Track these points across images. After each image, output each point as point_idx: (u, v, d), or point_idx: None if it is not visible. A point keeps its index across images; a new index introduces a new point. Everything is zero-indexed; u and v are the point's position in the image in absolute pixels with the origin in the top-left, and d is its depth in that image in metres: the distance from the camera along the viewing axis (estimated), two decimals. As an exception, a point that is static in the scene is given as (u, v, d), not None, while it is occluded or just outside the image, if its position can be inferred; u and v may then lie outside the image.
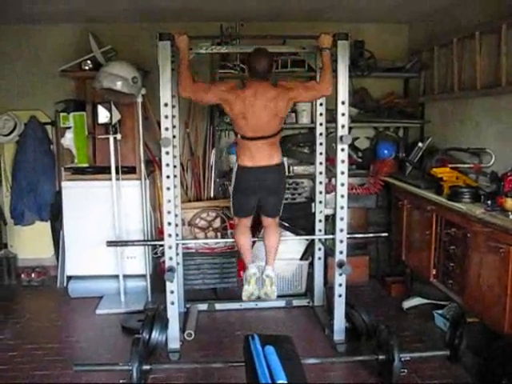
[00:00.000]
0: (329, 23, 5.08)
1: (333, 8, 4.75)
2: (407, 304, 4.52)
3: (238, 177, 3.75)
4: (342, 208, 3.81)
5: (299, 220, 4.80)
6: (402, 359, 3.26)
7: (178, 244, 3.95)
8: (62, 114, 4.90)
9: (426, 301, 4.46)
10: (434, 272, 4.15)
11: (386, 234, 4.43)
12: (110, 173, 4.64)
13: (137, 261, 4.87)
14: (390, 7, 4.74)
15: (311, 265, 4.78)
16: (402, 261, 4.82)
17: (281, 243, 3.99)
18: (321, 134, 4.34)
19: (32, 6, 4.47)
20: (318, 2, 4.56)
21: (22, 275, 5.33)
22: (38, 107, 5.38)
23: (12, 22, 5.09)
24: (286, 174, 3.86)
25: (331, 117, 4.14)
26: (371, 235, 4.83)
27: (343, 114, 3.70)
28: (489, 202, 3.49)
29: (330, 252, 4.26)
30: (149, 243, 4.78)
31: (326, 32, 3.69)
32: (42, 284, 5.32)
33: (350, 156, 4.49)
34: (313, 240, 4.63)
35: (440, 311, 4.23)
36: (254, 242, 4.53)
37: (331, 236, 4.03)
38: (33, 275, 5.33)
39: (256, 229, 4.70)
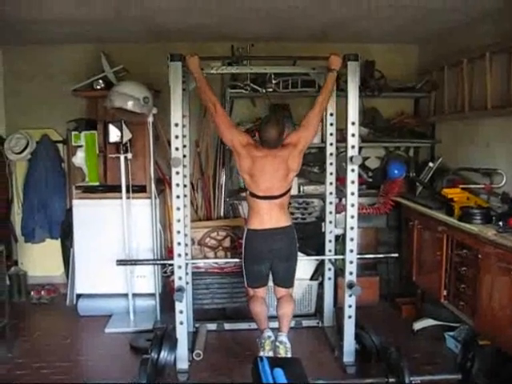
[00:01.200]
0: (339, 44, 5.09)
1: (342, 29, 4.78)
2: (418, 325, 4.47)
3: (247, 241, 3.73)
4: (352, 229, 3.80)
5: (309, 240, 4.78)
6: (413, 382, 3.23)
7: (187, 264, 3.95)
8: (73, 133, 4.96)
9: (437, 322, 4.41)
10: (444, 293, 4.11)
11: (396, 255, 4.39)
12: (120, 191, 4.66)
13: (146, 280, 4.86)
14: (398, 28, 4.76)
15: (321, 285, 4.75)
16: (412, 281, 4.79)
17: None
18: (331, 154, 4.34)
19: (46, 27, 4.55)
20: (328, 23, 4.59)
21: (32, 293, 5.35)
22: (51, 126, 5.44)
23: (27, 42, 5.17)
24: (297, 240, 3.77)
25: (341, 136, 4.15)
26: (381, 256, 4.78)
27: (353, 135, 3.70)
28: (500, 223, 3.47)
29: (339, 272, 4.23)
30: (158, 262, 4.77)
31: (335, 53, 3.72)
32: (51, 302, 5.32)
33: (360, 176, 4.50)
34: (323, 260, 4.60)
35: (451, 333, 4.18)
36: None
37: (341, 256, 4.00)
38: (42, 293, 5.34)
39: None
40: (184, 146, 3.85)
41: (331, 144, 4.34)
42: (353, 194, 3.76)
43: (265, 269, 3.76)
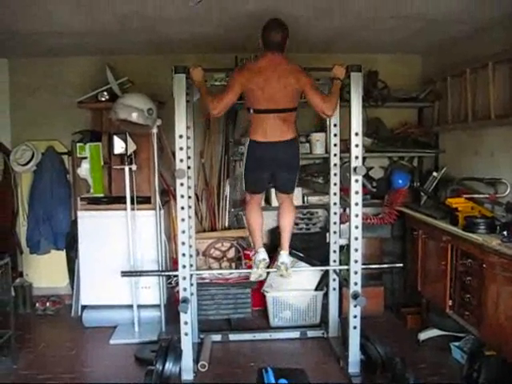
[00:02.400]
0: (342, 54, 5.12)
1: (346, 39, 4.80)
2: (423, 336, 4.45)
3: (249, 152, 3.71)
4: (356, 239, 3.80)
5: (314, 250, 4.79)
6: (418, 393, 3.22)
7: (192, 274, 3.95)
8: (78, 145, 4.99)
9: (442, 332, 4.39)
10: (450, 303, 4.10)
11: (401, 265, 4.38)
12: (125, 203, 4.68)
13: (151, 291, 4.87)
14: (402, 38, 4.77)
15: (326, 295, 4.74)
16: (417, 291, 4.77)
17: (295, 274, 3.98)
18: (335, 165, 4.35)
19: (52, 40, 4.58)
20: (332, 34, 4.61)
21: (37, 304, 5.36)
22: (56, 137, 5.46)
23: (33, 54, 5.21)
24: (299, 152, 3.78)
25: (345, 147, 4.15)
26: (386, 266, 4.77)
27: (357, 145, 3.71)
28: (505, 233, 3.46)
29: (344, 283, 4.23)
30: (163, 274, 4.77)
31: (339, 63, 3.73)
32: (56, 313, 5.33)
33: (364, 186, 4.50)
34: (327, 270, 4.60)
35: (457, 343, 4.15)
36: (268, 273, 4.54)
37: (346, 267, 4.00)
38: (48, 304, 5.35)
39: (271, 258, 4.70)
40: (188, 158, 3.86)
41: (335, 154, 4.35)
42: (357, 204, 3.77)
43: (265, 176, 3.79)
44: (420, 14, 3.92)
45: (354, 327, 3.86)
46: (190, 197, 4.02)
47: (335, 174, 4.37)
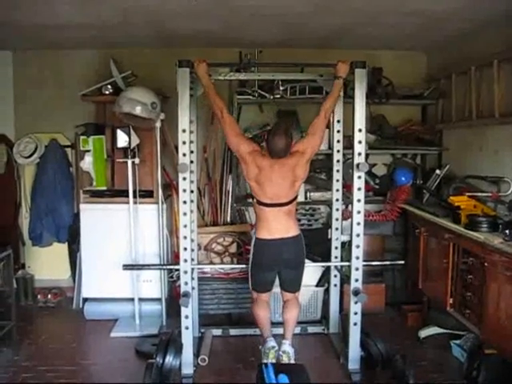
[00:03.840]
0: (346, 50, 5.13)
1: (349, 36, 4.79)
2: (424, 333, 4.45)
3: (255, 249, 3.72)
4: (358, 235, 3.80)
5: (315, 246, 4.77)
6: (418, 390, 3.22)
7: (193, 269, 3.95)
8: (81, 138, 4.97)
9: (442, 330, 4.39)
10: (450, 301, 4.10)
11: (402, 262, 4.38)
12: (127, 196, 4.68)
13: (152, 284, 4.88)
14: (406, 35, 4.76)
15: (327, 291, 4.74)
16: (418, 289, 4.78)
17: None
18: (338, 161, 4.35)
19: (56, 32, 4.57)
20: (335, 30, 4.60)
21: (39, 296, 5.38)
22: (59, 130, 5.46)
23: (37, 47, 5.22)
24: (304, 248, 3.77)
25: (349, 143, 4.15)
26: (388, 263, 4.77)
27: (360, 142, 3.71)
28: (507, 232, 3.46)
29: (345, 279, 4.23)
30: (165, 267, 4.77)
31: (343, 60, 3.73)
32: (58, 305, 5.35)
33: (367, 183, 4.50)
34: (329, 267, 4.60)
35: (457, 341, 4.15)
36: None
37: (347, 263, 4.00)
38: (49, 296, 5.37)
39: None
40: (191, 152, 3.86)
41: (338, 151, 4.34)
42: (359, 200, 3.77)
43: (272, 276, 3.79)
44: (425, 10, 3.90)
45: (355, 324, 3.86)
46: (192, 191, 4.02)
47: (338, 171, 4.37)
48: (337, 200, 4.41)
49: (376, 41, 5.02)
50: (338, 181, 4.37)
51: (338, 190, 4.39)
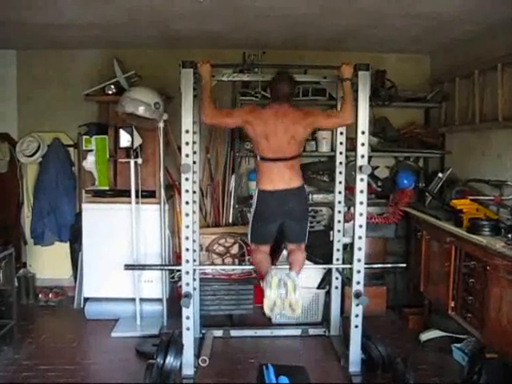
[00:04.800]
0: (350, 52, 5.13)
1: (354, 38, 4.79)
2: (425, 336, 4.44)
3: (258, 201, 3.73)
4: (360, 238, 3.80)
5: (317, 248, 4.77)
6: (419, 394, 3.21)
7: (195, 270, 3.95)
8: (84, 137, 4.99)
9: (444, 334, 4.38)
10: (452, 305, 4.08)
11: (404, 265, 4.38)
12: (129, 196, 4.68)
13: (154, 285, 4.87)
14: (411, 38, 4.76)
15: (328, 294, 4.74)
16: (420, 292, 4.76)
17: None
18: (340, 163, 4.34)
19: (60, 32, 4.58)
20: (340, 32, 4.60)
21: (40, 295, 5.38)
22: (62, 129, 5.46)
23: (41, 46, 5.23)
24: (308, 199, 3.79)
25: (352, 145, 4.15)
26: (389, 266, 4.77)
27: (363, 144, 3.71)
28: (509, 236, 3.45)
29: (347, 281, 4.23)
30: (166, 268, 4.78)
31: (346, 62, 3.73)
32: (59, 304, 5.35)
33: (369, 185, 4.49)
34: (330, 269, 4.60)
35: (458, 345, 4.14)
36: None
37: (349, 265, 4.00)
38: (50, 295, 5.37)
39: (275, 256, 4.70)
40: (194, 153, 3.85)
41: (341, 153, 4.34)
42: (361, 203, 3.76)
43: (274, 228, 3.79)
44: (429, 14, 3.90)
45: (356, 326, 3.86)
46: (194, 192, 4.02)
47: (340, 173, 4.36)
48: (339, 202, 4.41)
49: (381, 43, 5.02)
50: (340, 183, 4.37)
51: (340, 192, 4.39)
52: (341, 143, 4.33)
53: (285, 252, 4.22)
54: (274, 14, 4.01)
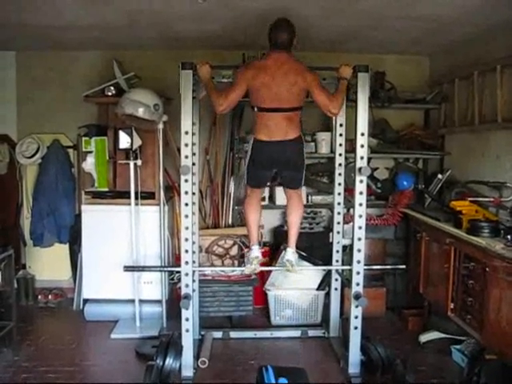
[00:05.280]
0: (349, 54, 5.14)
1: (354, 39, 4.80)
2: (424, 338, 4.44)
3: (253, 150, 3.70)
4: (359, 239, 3.80)
5: (316, 250, 4.78)
6: (418, 395, 3.21)
7: (194, 271, 3.95)
8: (84, 139, 4.98)
9: (443, 335, 4.38)
10: (451, 306, 4.09)
11: (403, 267, 4.38)
12: (129, 198, 4.68)
13: (153, 286, 4.87)
14: (411, 39, 4.77)
15: (327, 295, 4.74)
16: (419, 293, 4.77)
17: (298, 273, 3.97)
18: (340, 165, 4.34)
19: (60, 33, 4.59)
20: (340, 33, 4.61)
21: (39, 296, 5.39)
22: (62, 131, 5.47)
23: (41, 48, 5.23)
24: (304, 150, 3.75)
25: (351, 147, 4.15)
26: (389, 267, 4.78)
27: (362, 146, 3.71)
28: (509, 237, 3.46)
29: (346, 283, 4.23)
30: (165, 269, 4.78)
31: (346, 63, 3.73)
32: (58, 306, 5.35)
33: (368, 187, 4.49)
34: (330, 270, 4.59)
35: (458, 346, 4.14)
36: (270, 272, 4.56)
37: (348, 267, 4.00)
38: (50, 297, 5.38)
39: (274, 256, 4.72)
40: (193, 154, 3.86)
41: (340, 154, 4.34)
42: (361, 204, 3.76)
43: (269, 174, 3.85)
44: (429, 15, 3.91)
45: (355, 328, 3.86)
46: (194, 193, 4.01)
47: (340, 174, 4.36)
48: (338, 204, 4.41)
49: (380, 45, 5.03)
50: (339, 184, 4.37)
51: (339, 194, 4.39)
52: (340, 145, 4.34)
53: (283, 253, 4.21)
54: (273, 15, 3.99)
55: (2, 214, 5.41)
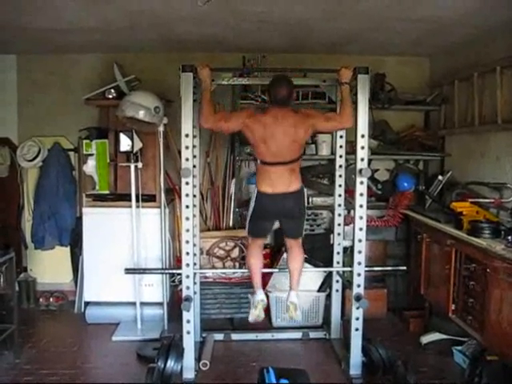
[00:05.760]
0: (350, 56, 5.16)
1: (354, 41, 4.80)
2: (425, 339, 4.44)
3: (256, 202, 3.71)
4: (360, 241, 3.80)
5: (317, 251, 4.79)
6: (420, 396, 3.21)
7: (195, 273, 3.95)
8: (85, 141, 4.99)
9: (444, 336, 4.38)
10: (452, 307, 4.09)
11: (404, 268, 4.38)
12: (130, 200, 4.68)
13: (154, 288, 4.88)
14: (411, 41, 4.77)
15: (329, 297, 4.74)
16: (420, 295, 4.77)
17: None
18: (340, 166, 4.35)
19: (61, 36, 4.59)
20: (341, 36, 4.61)
21: (41, 299, 5.40)
22: (62, 134, 5.47)
23: (41, 51, 5.24)
24: (306, 200, 3.77)
25: (351, 148, 4.15)
26: (390, 268, 4.78)
27: (363, 147, 3.71)
28: (509, 238, 3.46)
29: (347, 284, 4.23)
30: (166, 272, 4.78)
31: (346, 66, 3.73)
32: (59, 309, 5.36)
33: (369, 188, 4.49)
34: (330, 272, 4.60)
35: (459, 347, 4.14)
36: (271, 273, 4.57)
37: (349, 268, 4.00)
38: (51, 299, 5.39)
39: (275, 258, 4.71)
40: (194, 157, 3.86)
41: (341, 156, 4.34)
42: (361, 206, 3.77)
43: (270, 224, 3.84)
44: (432, 16, 3.91)
45: (356, 329, 3.86)
46: (194, 196, 4.02)
47: (340, 176, 4.37)
48: (339, 205, 4.41)
49: (381, 46, 5.03)
50: (340, 186, 4.38)
51: (340, 196, 4.39)
52: (340, 146, 4.34)
53: (285, 255, 4.22)
54: (274, 18, 4.01)
55: (4, 217, 5.42)
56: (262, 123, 3.56)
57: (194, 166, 3.95)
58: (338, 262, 4.47)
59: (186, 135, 3.64)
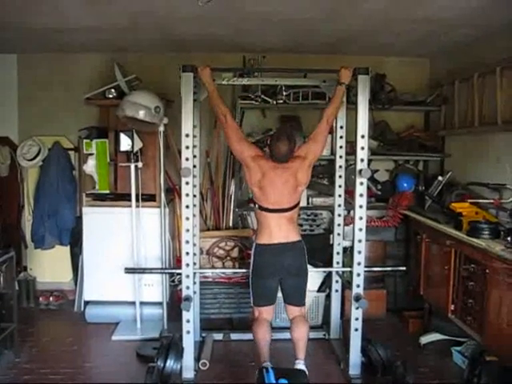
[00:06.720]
0: (350, 56, 5.16)
1: (354, 42, 4.81)
2: (425, 339, 4.44)
3: (256, 255, 3.67)
4: (359, 241, 3.80)
5: (317, 252, 4.78)
6: (419, 397, 3.22)
7: (195, 273, 3.95)
8: (85, 141, 5.00)
9: (443, 337, 4.38)
10: (452, 308, 4.10)
11: (404, 268, 4.38)
12: (130, 200, 4.68)
13: (154, 288, 4.88)
14: (411, 41, 4.78)
15: (328, 297, 4.74)
16: (420, 295, 4.77)
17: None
18: (340, 167, 4.35)
19: (62, 36, 4.61)
20: (341, 36, 4.62)
21: (41, 298, 5.40)
22: (62, 133, 5.49)
23: (42, 50, 5.24)
24: (306, 257, 3.71)
25: (351, 149, 4.16)
26: (389, 269, 4.79)
27: (363, 148, 3.72)
28: (509, 239, 3.48)
29: (347, 285, 4.23)
30: (166, 271, 4.77)
31: (346, 66, 3.74)
32: (59, 308, 5.36)
33: (369, 188, 4.50)
34: (330, 272, 4.59)
35: (458, 348, 4.15)
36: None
37: (349, 269, 4.00)
38: (51, 299, 5.39)
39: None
40: (194, 156, 3.86)
41: (341, 156, 4.35)
42: (361, 206, 3.77)
43: (273, 284, 3.68)
44: (430, 18, 3.92)
45: (356, 329, 3.86)
46: (194, 195, 4.03)
47: (340, 176, 4.37)
48: (339, 206, 4.41)
49: (381, 47, 5.04)
50: (340, 186, 4.37)
51: (340, 196, 4.39)
52: (340, 147, 4.34)
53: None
54: (276, 18, 4.02)
55: (4, 216, 5.42)
56: (261, 170, 3.59)
57: (194, 166, 3.95)
58: (337, 263, 4.47)
59: (186, 135, 3.65)
